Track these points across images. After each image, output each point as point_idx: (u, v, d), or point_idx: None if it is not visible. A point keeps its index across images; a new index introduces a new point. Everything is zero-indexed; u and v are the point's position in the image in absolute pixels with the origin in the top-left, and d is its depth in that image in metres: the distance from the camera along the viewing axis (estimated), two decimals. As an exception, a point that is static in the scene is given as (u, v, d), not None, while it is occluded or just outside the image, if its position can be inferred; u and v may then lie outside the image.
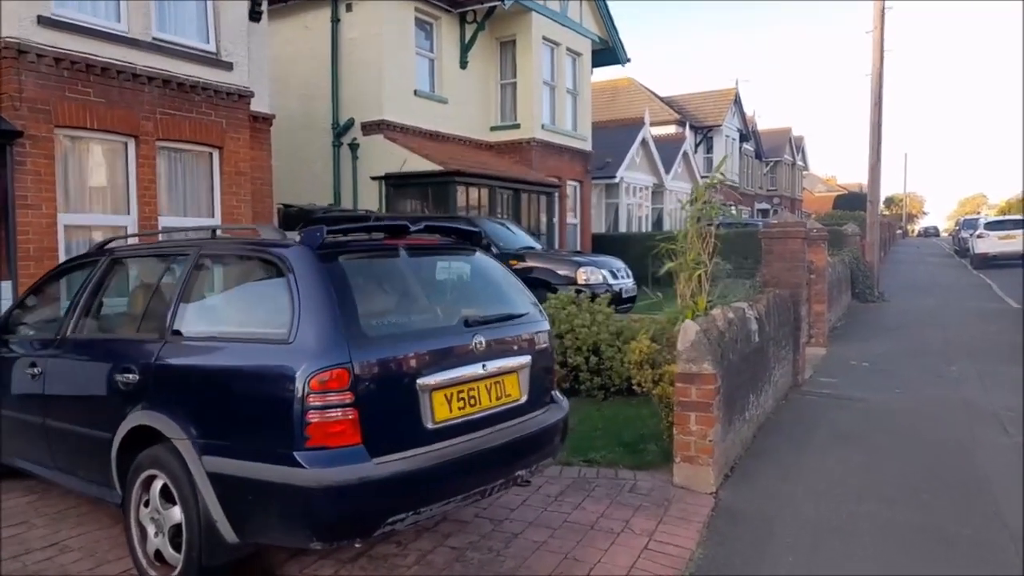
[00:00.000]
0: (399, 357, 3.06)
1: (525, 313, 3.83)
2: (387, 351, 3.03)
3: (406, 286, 3.56)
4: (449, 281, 3.85)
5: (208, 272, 3.59)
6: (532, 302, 3.97)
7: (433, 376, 3.16)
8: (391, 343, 3.08)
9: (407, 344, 3.12)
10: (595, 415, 6.72)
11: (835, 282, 12.64)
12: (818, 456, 5.49)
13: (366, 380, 2.92)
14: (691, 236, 5.87)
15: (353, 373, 2.87)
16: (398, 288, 3.53)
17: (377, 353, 2.99)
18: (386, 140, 14.05)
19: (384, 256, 3.52)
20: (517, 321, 3.73)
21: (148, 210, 8.70)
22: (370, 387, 2.94)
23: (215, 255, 3.61)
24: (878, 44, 16.65)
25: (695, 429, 4.72)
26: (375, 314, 3.20)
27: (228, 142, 9.60)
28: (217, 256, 3.62)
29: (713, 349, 4.77)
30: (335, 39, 14.42)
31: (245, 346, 3.14)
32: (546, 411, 3.83)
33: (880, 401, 7.16)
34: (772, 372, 6.62)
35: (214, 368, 3.21)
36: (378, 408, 2.97)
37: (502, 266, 4.09)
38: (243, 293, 3.52)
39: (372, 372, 2.95)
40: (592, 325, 7.72)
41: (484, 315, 3.55)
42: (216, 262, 3.60)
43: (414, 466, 3.00)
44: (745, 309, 5.81)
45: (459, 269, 3.93)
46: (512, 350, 3.62)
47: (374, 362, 2.97)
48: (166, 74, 8.78)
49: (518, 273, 10.70)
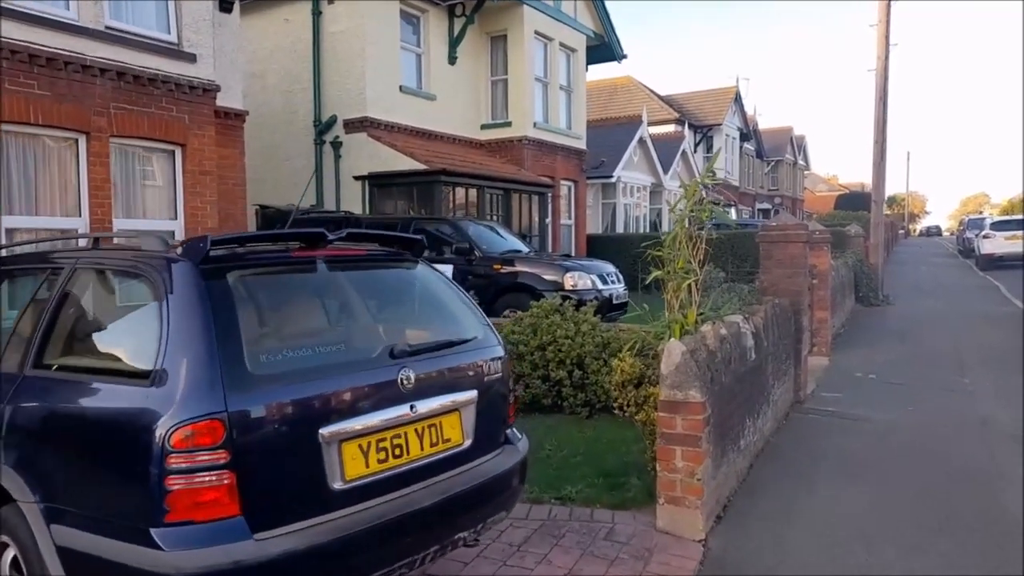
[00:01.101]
0: (295, 401, 2.43)
1: (472, 338, 3.20)
2: (278, 394, 2.41)
3: (319, 309, 2.94)
4: (379, 301, 3.21)
5: (83, 290, 2.95)
6: (483, 323, 3.34)
7: (343, 423, 2.54)
8: (285, 383, 2.45)
9: (308, 384, 2.49)
10: (576, 437, 6.10)
11: (838, 286, 11.99)
12: (823, 491, 4.85)
13: (248, 433, 2.30)
14: (680, 241, 5.23)
15: (229, 425, 2.25)
16: (307, 311, 2.91)
17: (264, 397, 2.37)
18: (370, 138, 13.42)
19: (292, 271, 2.89)
20: (461, 348, 3.10)
21: (101, 212, 8.08)
22: (253, 441, 2.32)
23: (92, 269, 2.98)
24: (883, 38, 16.00)
25: (681, 466, 4.09)
26: (268, 346, 2.57)
27: (192, 139, 8.96)
28: (93, 270, 2.98)
29: (702, 373, 4.14)
30: (316, 33, 13.79)
31: (107, 386, 2.52)
32: (498, 456, 3.21)
33: (889, 421, 6.53)
34: (771, 391, 6.00)
35: (68, 412, 2.59)
36: (265, 468, 2.35)
37: (449, 281, 3.46)
38: (114, 317, 2.89)
39: (256, 422, 2.33)
40: (576, 336, 7.12)
41: (417, 343, 2.92)
42: (91, 278, 2.97)
43: (313, 540, 2.37)
44: (740, 323, 5.18)
45: (394, 285, 3.30)
46: (453, 385, 2.99)
47: (259, 409, 2.34)
48: (121, 66, 8.15)
49: (502, 278, 10.21)
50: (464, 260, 9.98)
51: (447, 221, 10.75)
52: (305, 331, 2.82)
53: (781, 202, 46.68)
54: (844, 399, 7.34)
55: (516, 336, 7.32)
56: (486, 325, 3.35)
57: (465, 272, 9.90)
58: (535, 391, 6.96)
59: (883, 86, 16.04)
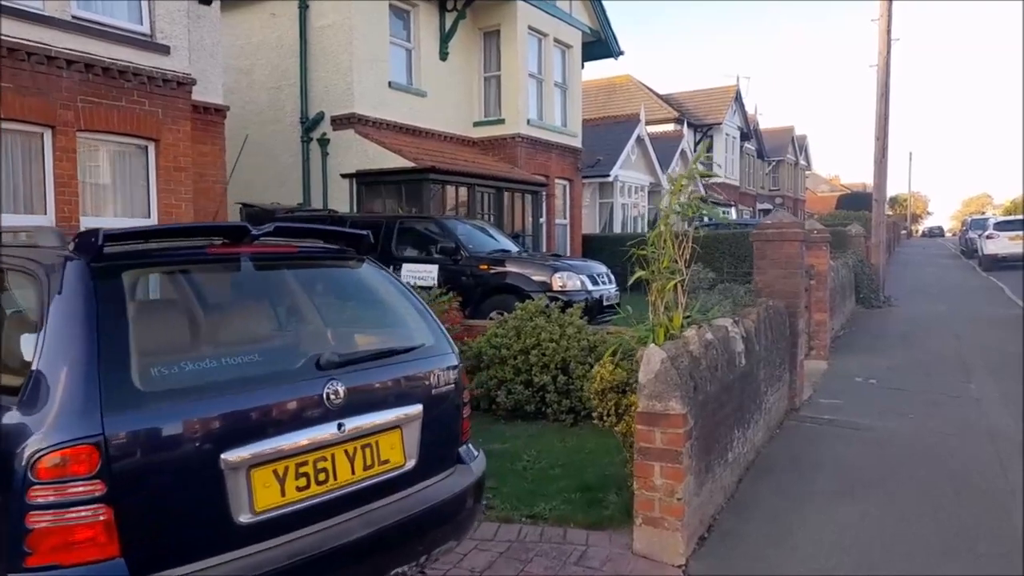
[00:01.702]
0: (191, 421, 2.09)
1: (419, 345, 2.86)
2: (170, 413, 2.07)
3: (235, 314, 2.59)
4: (312, 305, 2.86)
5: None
6: (435, 329, 3.00)
7: (252, 446, 2.20)
8: (180, 401, 2.11)
9: (209, 401, 2.15)
10: (557, 447, 5.76)
11: (838, 287, 11.64)
12: (818, 509, 4.50)
13: (130, 459, 1.97)
14: (664, 239, 4.88)
15: (106, 450, 1.92)
16: (220, 317, 2.57)
17: (153, 417, 2.03)
18: (357, 135, 13.07)
19: (205, 271, 2.55)
20: (405, 357, 2.76)
21: (68, 209, 7.76)
22: (137, 470, 1.98)
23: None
24: (885, 33, 15.64)
25: (660, 484, 3.75)
26: (165, 357, 2.23)
27: (165, 134, 8.64)
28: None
29: (684, 382, 3.80)
30: (303, 27, 13.45)
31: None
32: (448, 477, 2.86)
33: (891, 430, 6.17)
34: (763, 399, 5.64)
35: None
36: (151, 501, 2.01)
37: (398, 282, 3.11)
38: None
39: (141, 447, 1.99)
40: (561, 339, 6.79)
41: (350, 352, 2.57)
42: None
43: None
44: (728, 327, 4.83)
45: (331, 287, 2.95)
46: (393, 398, 2.65)
47: (145, 431, 2.01)
48: (89, 57, 7.83)
49: (489, 279, 9.84)
50: (450, 260, 9.64)
51: (433, 220, 10.40)
52: (215, 340, 2.48)
53: (782, 202, 46.26)
54: (843, 406, 6.98)
55: (499, 339, 7.00)
56: (438, 331, 3.00)
57: (451, 272, 9.56)
58: (518, 397, 6.62)
59: (885, 82, 15.68)
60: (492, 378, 6.84)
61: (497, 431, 6.23)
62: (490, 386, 6.81)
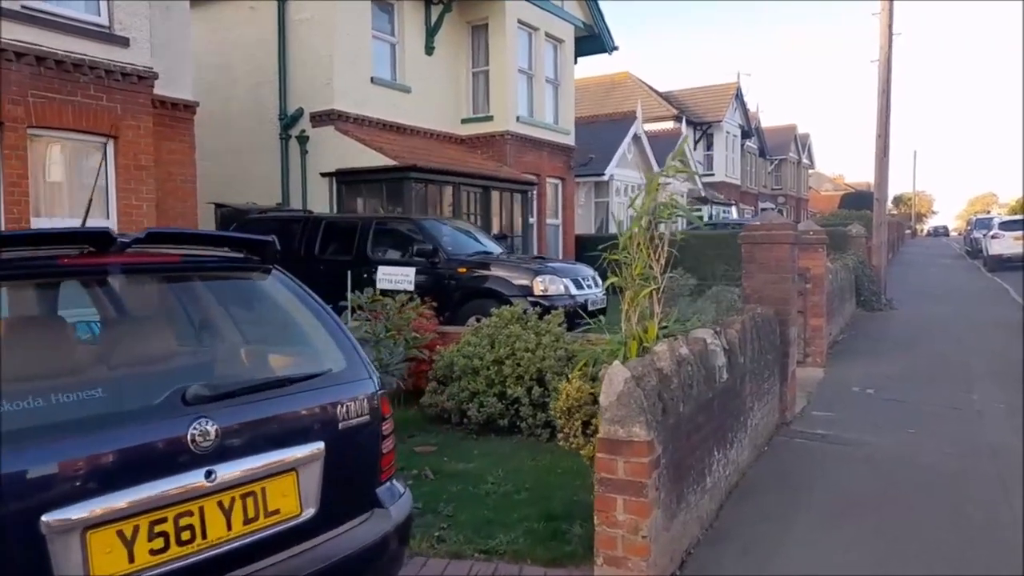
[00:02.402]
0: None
1: (325, 371, 2.43)
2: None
3: (85, 338, 2.16)
4: (191, 325, 2.43)
5: None
6: (348, 351, 2.57)
7: (87, 504, 1.78)
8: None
9: (24, 451, 1.72)
10: (527, 466, 5.35)
11: (836, 291, 11.19)
12: (803, 539, 4.07)
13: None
14: (638, 243, 4.46)
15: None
16: (62, 342, 2.13)
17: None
18: (337, 132, 12.64)
19: (52, 286, 2.13)
20: (304, 386, 2.33)
21: (17, 210, 7.35)
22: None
23: None
24: (886, 27, 15.19)
25: (623, 519, 3.32)
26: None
27: (124, 131, 8.23)
28: None
29: (651, 404, 3.37)
30: (282, 20, 13.02)
31: None
32: (360, 525, 2.44)
33: (889, 448, 5.74)
34: (749, 415, 5.21)
35: None
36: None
37: (309, 295, 2.68)
38: None
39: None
40: (537, 349, 6.37)
41: (228, 383, 2.15)
42: None
43: None
44: (707, 340, 4.40)
45: (220, 303, 2.52)
46: (286, 436, 2.23)
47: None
48: (40, 49, 7.43)
49: (468, 283, 9.39)
50: (428, 263, 9.20)
51: (410, 221, 9.97)
52: (52, 371, 2.04)
53: (785, 201, 45.83)
54: (837, 419, 6.55)
55: (471, 348, 6.58)
56: (353, 353, 2.57)
57: (429, 276, 9.13)
58: (490, 411, 6.21)
59: (886, 77, 15.23)
60: (464, 390, 6.42)
61: (465, 448, 5.81)
62: (461, 399, 6.39)
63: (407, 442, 5.93)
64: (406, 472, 5.13)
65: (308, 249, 10.08)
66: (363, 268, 9.31)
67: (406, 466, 5.24)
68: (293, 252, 10.07)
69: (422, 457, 5.54)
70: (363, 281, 8.38)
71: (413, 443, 5.92)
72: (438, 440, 6.01)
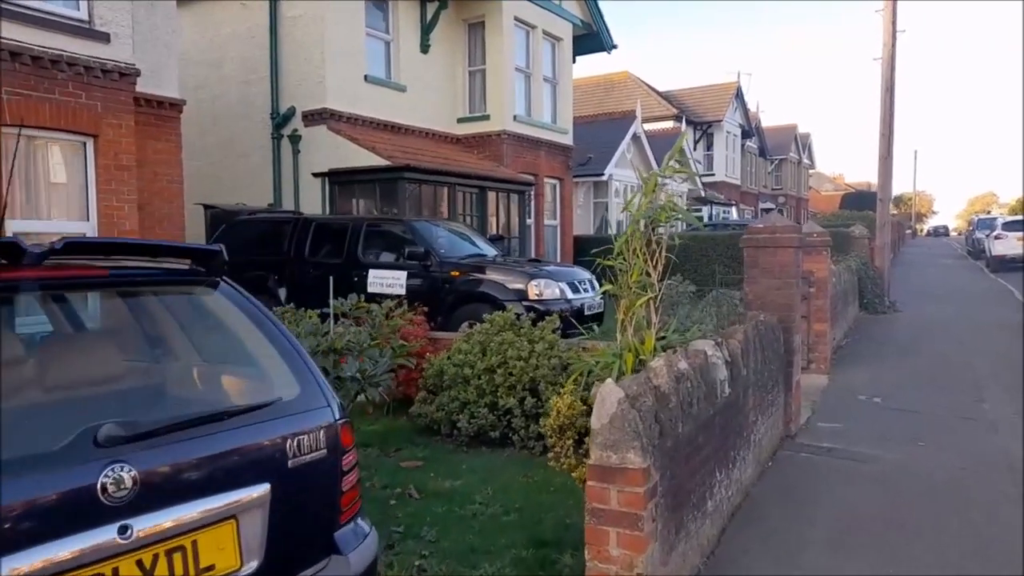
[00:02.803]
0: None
1: (271, 401, 2.14)
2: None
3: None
4: (116, 350, 2.13)
5: None
6: (304, 375, 2.27)
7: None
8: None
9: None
10: (518, 483, 5.06)
11: (840, 294, 10.90)
12: (817, 565, 3.78)
13: None
14: (634, 248, 4.17)
15: None
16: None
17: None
18: (330, 131, 12.35)
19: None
20: (245, 420, 2.04)
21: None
22: None
23: None
24: (890, 24, 14.89)
25: (617, 555, 3.03)
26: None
27: (105, 129, 7.92)
28: None
29: (647, 427, 3.08)
30: (274, 17, 12.72)
31: None
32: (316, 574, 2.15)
33: (898, 461, 5.45)
34: (753, 429, 4.92)
35: None
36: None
37: (262, 312, 2.38)
38: None
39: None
40: (530, 357, 6.09)
41: (150, 420, 1.86)
42: None
43: None
44: (708, 352, 4.11)
45: (153, 323, 2.23)
46: (221, 479, 1.94)
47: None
48: (15, 45, 7.12)
49: (460, 287, 9.05)
50: (420, 266, 8.92)
51: (402, 222, 9.67)
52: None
53: (785, 201, 45.51)
54: (844, 431, 6.26)
55: (462, 356, 6.30)
56: (309, 377, 2.28)
57: (421, 279, 8.85)
58: (481, 422, 5.93)
59: (890, 76, 14.93)
60: (454, 400, 6.15)
61: (454, 462, 5.53)
62: (451, 409, 6.11)
63: (393, 456, 5.66)
64: (390, 491, 4.85)
65: (298, 251, 9.81)
66: (354, 271, 9.04)
67: (390, 483, 4.97)
68: (283, 254, 9.81)
69: (408, 472, 5.26)
70: (354, 284, 8.11)
71: (400, 457, 5.64)
72: (426, 453, 5.73)
